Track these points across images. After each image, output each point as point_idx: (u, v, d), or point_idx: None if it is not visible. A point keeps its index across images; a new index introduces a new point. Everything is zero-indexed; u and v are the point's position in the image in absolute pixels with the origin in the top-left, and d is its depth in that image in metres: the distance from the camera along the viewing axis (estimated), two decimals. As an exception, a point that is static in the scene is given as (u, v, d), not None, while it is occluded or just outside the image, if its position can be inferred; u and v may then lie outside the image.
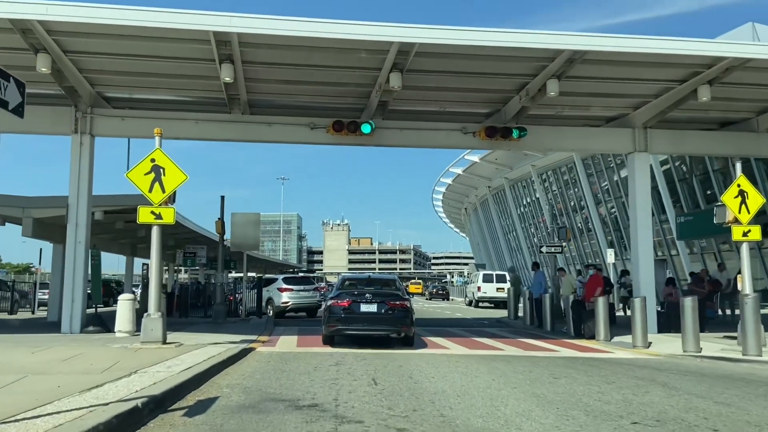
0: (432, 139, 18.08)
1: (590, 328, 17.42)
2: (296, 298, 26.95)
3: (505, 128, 17.34)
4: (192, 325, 19.95)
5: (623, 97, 17.40)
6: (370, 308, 14.49)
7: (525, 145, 18.06)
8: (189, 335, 15.71)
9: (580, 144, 18.83)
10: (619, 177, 40.34)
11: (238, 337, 15.68)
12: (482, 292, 39.47)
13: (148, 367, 8.77)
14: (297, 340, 16.03)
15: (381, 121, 17.65)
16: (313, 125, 17.50)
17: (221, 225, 21.37)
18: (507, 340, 16.76)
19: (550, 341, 16.85)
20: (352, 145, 18.08)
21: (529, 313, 21.85)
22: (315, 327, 21.19)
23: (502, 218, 64.66)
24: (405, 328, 14.48)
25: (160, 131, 12.78)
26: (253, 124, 17.49)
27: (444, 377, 9.57)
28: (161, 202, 12.54)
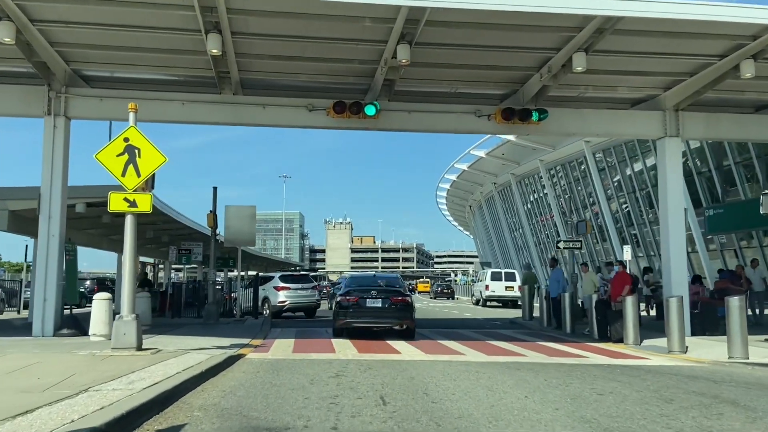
0: (442, 122, 16.43)
1: (617, 330, 15.78)
2: (294, 297, 25.31)
3: (524, 110, 15.69)
4: (181, 326, 18.35)
5: (655, 75, 15.73)
6: (376, 303, 16.28)
7: (545, 129, 16.39)
8: (173, 339, 14.10)
9: (604, 128, 17.16)
10: (633, 171, 38.71)
11: (228, 340, 14.07)
12: (490, 291, 37.84)
13: (105, 383, 7.15)
14: (294, 344, 14.41)
15: (387, 102, 16.01)
16: (312, 107, 15.86)
17: (213, 218, 19.73)
18: (526, 344, 15.12)
19: (573, 345, 15.21)
20: (355, 129, 16.47)
21: (546, 313, 20.20)
22: (314, 328, 19.62)
23: (508, 215, 63.00)
24: (407, 321, 16.26)
25: (135, 106, 11.18)
26: (246, 105, 15.85)
27: (466, 393, 7.93)
28: (137, 188, 10.93)
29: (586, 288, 18.26)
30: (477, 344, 14.85)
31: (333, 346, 13.87)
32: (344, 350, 13.08)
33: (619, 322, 15.79)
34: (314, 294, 26.53)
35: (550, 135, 17.39)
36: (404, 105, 16.27)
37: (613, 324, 15.98)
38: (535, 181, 53.19)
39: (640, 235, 39.14)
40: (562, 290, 19.16)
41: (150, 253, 37.09)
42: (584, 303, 18.54)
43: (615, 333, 15.83)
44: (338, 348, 13.51)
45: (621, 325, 15.66)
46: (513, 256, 64.11)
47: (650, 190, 37.23)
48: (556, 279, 19.53)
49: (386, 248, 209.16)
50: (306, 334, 17.18)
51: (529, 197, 55.69)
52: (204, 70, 15.14)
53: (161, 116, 15.63)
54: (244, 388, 8.07)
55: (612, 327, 16.00)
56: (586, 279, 18.44)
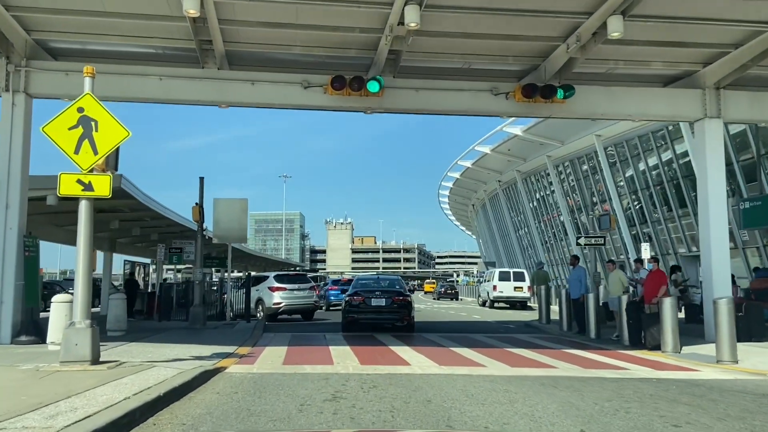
0: (454, 101, 14.55)
1: (653, 336, 13.90)
2: (290, 298, 23.42)
3: (548, 86, 13.82)
4: (163, 331, 16.50)
5: (695, 47, 13.87)
6: (380, 302, 18.30)
7: (570, 109, 14.52)
8: (146, 347, 12.25)
9: (636, 108, 15.28)
10: (647, 166, 36.88)
11: (211, 348, 12.22)
12: (498, 292, 35.94)
13: (18, 417, 5.29)
14: (286, 353, 12.54)
15: (392, 79, 14.15)
16: (308, 84, 14.00)
17: (199, 211, 17.82)
18: (552, 353, 13.24)
19: (605, 353, 13.34)
20: (356, 109, 14.61)
21: (566, 316, 18.31)
22: (311, 333, 17.74)
23: (513, 214, 61.19)
24: (406, 317, 18.34)
25: (92, 70, 9.34)
26: (232, 81, 13.98)
27: (503, 426, 6.07)
28: (93, 168, 9.08)
29: (613, 288, 16.39)
30: (495, 352, 12.97)
31: (331, 356, 12.02)
32: (344, 361, 11.23)
33: (655, 327, 13.91)
34: (312, 295, 24.63)
35: (575, 116, 15.48)
36: (411, 82, 14.41)
37: (648, 329, 14.10)
38: (541, 178, 51.40)
39: (654, 233, 37.26)
40: (585, 291, 17.30)
41: (140, 252, 35.22)
42: (610, 305, 16.68)
43: (651, 339, 13.95)
44: (337, 358, 11.65)
45: (657, 330, 13.79)
46: (518, 256, 62.32)
47: (665, 186, 35.42)
48: (577, 278, 17.63)
49: (387, 249, 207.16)
50: (301, 340, 15.33)
51: (535, 195, 53.88)
52: (184, 41, 13.31)
53: (136, 93, 13.79)
54: (212, 419, 6.20)
55: (647, 332, 14.12)
56: (613, 278, 16.56)
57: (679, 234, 36.01)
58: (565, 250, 50.32)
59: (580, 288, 17.38)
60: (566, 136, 41.42)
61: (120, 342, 13.07)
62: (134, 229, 27.04)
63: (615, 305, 16.08)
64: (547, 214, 52.57)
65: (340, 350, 13.02)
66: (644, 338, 14.23)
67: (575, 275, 17.82)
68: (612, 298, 16.50)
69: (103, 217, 23.58)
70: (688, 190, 33.89)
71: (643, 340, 14.27)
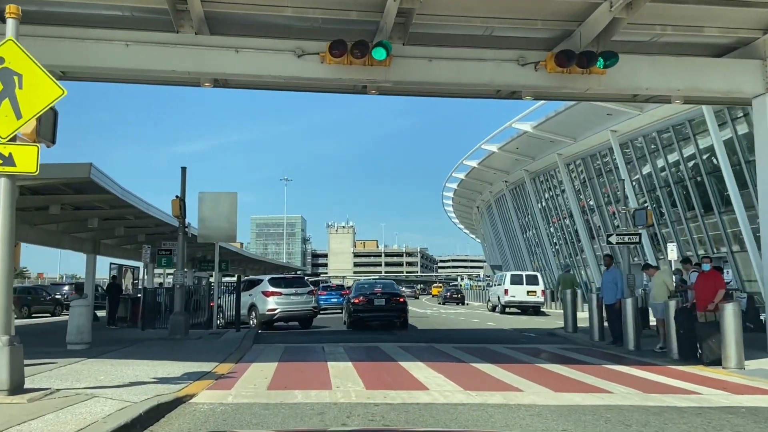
0: (473, 73, 12.35)
1: (712, 349, 11.73)
2: (286, 304, 21.19)
3: (587, 53, 11.63)
4: (136, 344, 14.35)
5: (757, 6, 11.71)
6: (380, 302, 21.28)
7: (610, 82, 12.34)
8: (103, 365, 10.09)
9: (686, 82, 13.10)
10: (667, 162, 34.73)
11: (183, 366, 10.07)
12: (510, 296, 33.70)
13: None
14: (275, 371, 10.36)
15: (401, 47, 11.98)
16: (302, 51, 11.82)
17: (179, 205, 15.59)
18: (594, 370, 11.04)
19: (657, 370, 11.15)
20: (358, 83, 12.42)
21: (597, 324, 16.10)
22: (308, 344, 15.54)
23: (521, 215, 59.03)
24: (403, 315, 21.48)
25: (16, 10, 7.19)
26: (212, 49, 11.80)
27: None
28: (14, 135, 6.93)
29: (657, 293, 14.18)
30: (527, 370, 10.78)
31: (329, 375, 9.84)
32: (344, 383, 9.05)
33: (713, 338, 11.74)
34: (311, 300, 22.39)
35: (615, 93, 13.29)
36: (423, 50, 12.22)
37: (705, 341, 11.90)
38: (551, 178, 49.28)
39: (674, 233, 35.03)
40: (621, 295, 15.10)
41: (128, 254, 32.99)
42: (653, 312, 14.51)
43: (709, 353, 11.76)
44: (336, 378, 9.48)
45: (717, 342, 11.64)
46: (526, 258, 60.15)
47: (687, 184, 33.26)
48: (612, 281, 15.39)
49: (389, 252, 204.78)
50: (296, 354, 13.15)
51: (544, 195, 51.76)
52: (155, 2, 11.19)
53: (99, 62, 11.62)
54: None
55: (704, 344, 11.91)
56: (657, 281, 14.36)
57: (701, 235, 33.84)
58: (575, 252, 48.22)
59: (615, 292, 15.17)
60: (579, 133, 39.32)
61: (76, 358, 10.93)
62: (117, 229, 24.89)
63: (660, 312, 13.91)
64: (557, 215, 50.44)
65: (341, 367, 10.85)
66: (701, 351, 12.03)
67: (609, 277, 15.59)
68: (655, 304, 14.31)
69: (81, 214, 21.44)
70: (712, 188, 31.71)
71: (699, 353, 12.08)
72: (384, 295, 21.58)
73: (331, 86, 13.25)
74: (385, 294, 21.67)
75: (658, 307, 14.00)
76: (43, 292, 38.32)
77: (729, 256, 31.69)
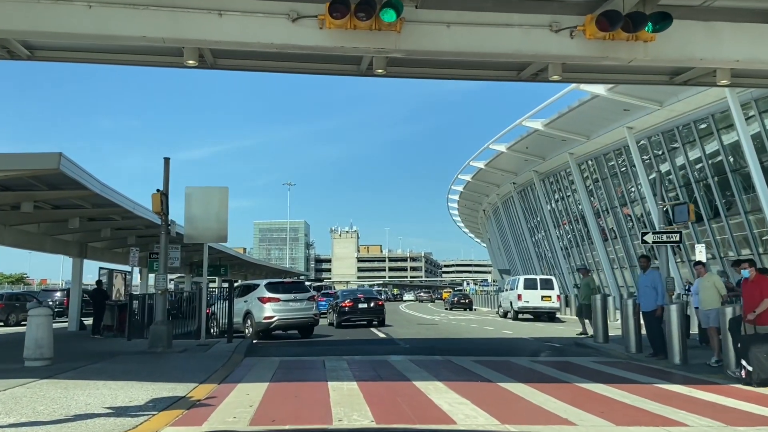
0: (498, 40, 10.52)
1: (763, 365, 9.83)
2: (284, 311, 19.34)
3: (634, 15, 9.82)
4: (109, 358, 12.52)
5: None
6: (363, 305, 26.41)
7: (658, 51, 10.53)
8: (55, 388, 8.27)
9: (745, 51, 11.25)
10: (687, 160, 32.89)
11: (153, 389, 8.24)
12: (523, 302, 31.79)
13: None
14: (264, 395, 8.51)
15: (414, 10, 10.17)
16: (297, 14, 10.01)
17: (160, 200, 13.72)
18: (646, 391, 9.17)
19: (722, 390, 9.29)
20: (364, 52, 10.57)
21: (634, 334, 14.20)
22: (307, 357, 13.63)
23: (530, 217, 57.24)
24: (381, 315, 26.89)
25: None
26: (191, 11, 9.98)
27: None
28: None
29: (707, 298, 12.31)
30: (568, 392, 8.91)
31: (329, 401, 8.01)
32: (349, 413, 7.21)
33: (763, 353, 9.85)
34: (311, 306, 20.54)
35: (663, 63, 11.40)
36: (440, 14, 10.40)
37: (756, 357, 9.94)
38: (562, 179, 47.48)
39: (695, 235, 33.10)
40: (662, 301, 13.22)
41: (119, 259, 31.10)
42: (702, 321, 12.65)
43: (760, 372, 9.82)
44: (338, 405, 7.64)
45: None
46: (534, 262, 58.30)
47: (710, 182, 31.40)
48: (651, 285, 13.48)
49: (393, 257, 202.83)
50: (292, 371, 11.30)
51: (554, 196, 49.94)
52: (123, -45, 9.43)
53: (59, 27, 9.82)
54: None
55: (755, 361, 9.95)
56: (706, 284, 12.48)
57: (725, 236, 31.96)
58: (587, 255, 46.40)
59: (655, 298, 13.27)
60: (593, 130, 37.56)
61: (26, 379, 9.12)
62: (103, 231, 23.10)
63: (713, 320, 12.05)
64: (568, 217, 48.63)
65: (344, 389, 9.02)
66: (749, 369, 10.05)
67: (648, 281, 13.68)
68: (706, 312, 12.43)
69: (60, 214, 19.63)
70: (737, 187, 29.86)
71: (742, 370, 10.13)
72: (366, 299, 26.78)
73: (331, 58, 11.44)
74: (367, 299, 26.90)
75: (710, 315, 12.13)
76: (33, 299, 36.48)
77: (756, 259, 29.84)
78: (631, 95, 30.21)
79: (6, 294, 37.74)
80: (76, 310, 26.04)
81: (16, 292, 42.69)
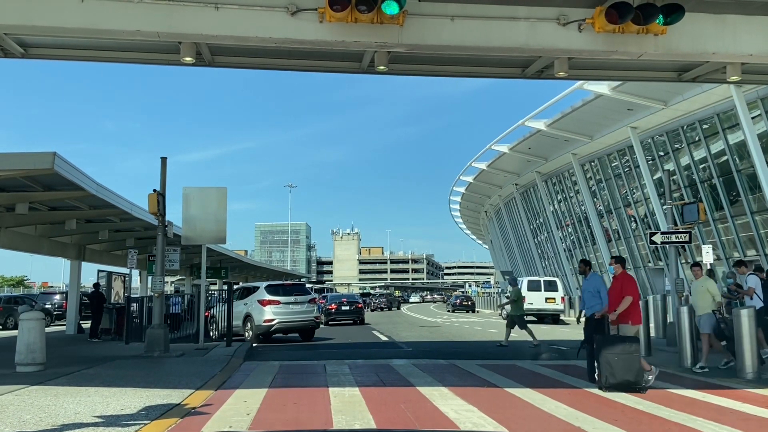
0: (504, 34, 10.21)
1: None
2: (285, 314, 19.01)
3: (645, 6, 9.50)
4: (103, 363, 12.18)
5: None
6: (346, 308, 32.31)
7: (670, 44, 10.20)
8: (45, 395, 7.94)
9: (758, 45, 10.89)
10: (692, 160, 32.58)
11: (147, 396, 7.91)
12: (527, 304, 31.31)
13: None
14: (262, 401, 8.18)
15: (417, 4, 9.87)
16: (296, 8, 9.69)
17: (156, 200, 13.39)
18: (662, 396, 8.80)
19: (737, 396, 8.92)
20: (365, 47, 10.24)
21: (643, 336, 13.77)
22: (308, 361, 13.24)
23: (532, 219, 56.90)
24: (360, 315, 32.38)
25: None
26: (186, 5, 9.65)
27: None
28: None
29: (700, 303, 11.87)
30: (580, 399, 8.55)
31: (330, 408, 7.68)
32: (350, 420, 6.88)
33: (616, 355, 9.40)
34: (312, 309, 20.20)
35: (674, 57, 11.04)
36: (443, 7, 10.08)
37: (606, 360, 9.41)
38: (564, 179, 47.17)
39: (700, 235, 32.74)
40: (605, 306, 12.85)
41: (118, 261, 30.80)
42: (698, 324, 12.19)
43: (609, 375, 9.30)
44: (339, 413, 7.30)
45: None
46: (537, 263, 57.93)
47: (716, 182, 31.07)
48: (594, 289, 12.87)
49: (395, 259, 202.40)
50: (292, 376, 10.96)
51: (557, 197, 49.62)
52: (117, -53, 9.11)
53: (49, 21, 9.51)
54: None
55: (605, 364, 9.39)
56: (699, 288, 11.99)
57: (731, 236, 31.61)
58: (591, 257, 46.04)
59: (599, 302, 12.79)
60: (596, 130, 37.28)
61: (17, 385, 8.79)
62: (101, 233, 22.77)
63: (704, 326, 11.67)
64: (571, 218, 48.29)
65: (345, 395, 8.68)
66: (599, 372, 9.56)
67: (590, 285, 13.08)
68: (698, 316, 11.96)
69: (57, 215, 19.33)
70: (743, 187, 29.52)
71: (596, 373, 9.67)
72: (348, 303, 32.78)
73: (332, 55, 11.12)
74: (349, 302, 32.92)
75: (702, 320, 11.72)
76: (32, 301, 36.16)
77: (762, 259, 29.48)
78: (635, 94, 29.89)
79: (5, 297, 37.41)
80: (74, 313, 25.73)
81: (15, 295, 42.36)
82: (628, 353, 9.31)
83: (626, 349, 9.33)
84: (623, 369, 9.23)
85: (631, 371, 9.23)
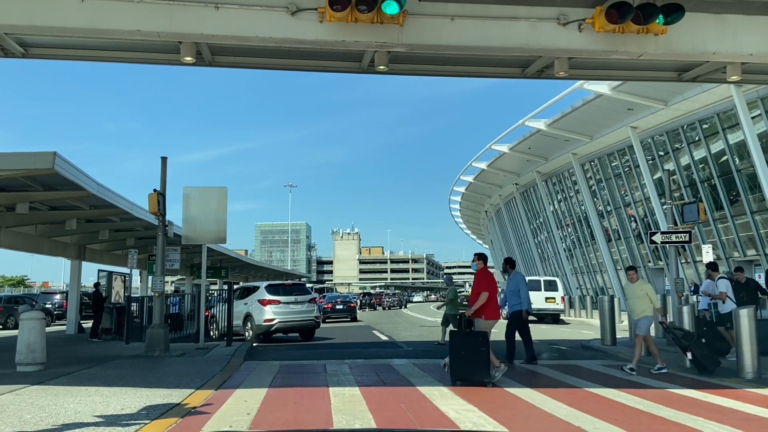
0: (504, 34, 10.22)
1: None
2: (285, 313, 19.01)
3: (645, 6, 9.50)
4: (104, 362, 12.18)
5: None
6: (340, 307, 35.89)
7: (670, 44, 10.21)
8: (45, 395, 7.94)
9: (758, 45, 10.89)
10: (693, 160, 32.59)
11: (147, 396, 7.91)
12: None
13: None
14: (262, 402, 8.18)
15: (417, 3, 9.88)
16: (296, 7, 9.71)
17: (156, 200, 13.40)
18: (662, 396, 8.79)
19: (738, 396, 8.92)
20: (366, 47, 10.25)
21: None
22: (309, 361, 13.22)
23: (532, 218, 56.91)
24: (353, 313, 36.01)
25: None
26: (186, 5, 9.67)
27: None
28: None
29: (637, 307, 11.85)
30: (581, 398, 8.55)
31: (330, 408, 7.68)
32: (350, 420, 6.89)
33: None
34: (312, 309, 20.20)
35: (675, 57, 11.04)
36: (443, 7, 10.09)
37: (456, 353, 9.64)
38: (564, 179, 47.16)
39: (700, 235, 32.75)
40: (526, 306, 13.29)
41: (119, 261, 30.81)
42: (634, 326, 12.18)
43: (454, 369, 9.61)
44: (339, 414, 7.30)
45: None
46: (537, 263, 57.94)
47: (715, 182, 31.07)
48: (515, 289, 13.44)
49: (395, 259, 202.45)
50: (292, 376, 10.96)
51: (557, 197, 49.62)
52: (117, -54, 9.12)
53: (49, 21, 9.52)
54: None
55: (455, 358, 9.65)
56: (638, 293, 11.93)
57: (731, 236, 31.62)
58: (591, 257, 46.07)
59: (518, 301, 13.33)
60: (596, 130, 37.28)
61: (17, 385, 8.80)
62: (102, 233, 22.77)
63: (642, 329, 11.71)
64: (571, 218, 48.28)
65: (345, 394, 8.68)
66: None
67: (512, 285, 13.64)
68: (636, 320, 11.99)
69: (57, 215, 19.33)
70: (743, 187, 29.53)
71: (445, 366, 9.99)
72: (342, 303, 36.56)
73: (332, 55, 11.13)
74: (343, 302, 36.64)
75: (639, 323, 11.72)
76: (32, 301, 36.16)
77: (762, 259, 29.48)
78: (635, 94, 29.89)
79: (5, 297, 37.42)
80: (75, 312, 25.72)
81: (15, 295, 42.36)
82: (476, 348, 9.56)
83: (475, 344, 9.63)
84: (471, 363, 9.51)
85: (477, 366, 9.49)
